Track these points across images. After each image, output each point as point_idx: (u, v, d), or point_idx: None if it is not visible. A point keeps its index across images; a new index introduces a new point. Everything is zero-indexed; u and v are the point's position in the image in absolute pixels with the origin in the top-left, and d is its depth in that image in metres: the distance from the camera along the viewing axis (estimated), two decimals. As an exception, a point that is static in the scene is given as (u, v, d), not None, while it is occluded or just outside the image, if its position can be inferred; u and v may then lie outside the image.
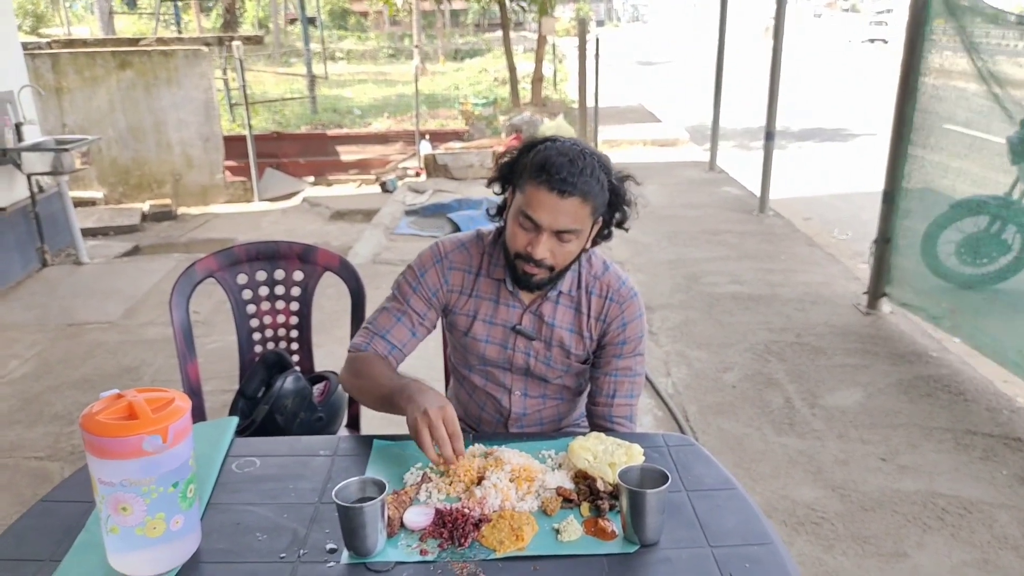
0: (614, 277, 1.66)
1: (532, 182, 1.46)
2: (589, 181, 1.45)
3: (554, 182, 1.43)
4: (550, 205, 1.45)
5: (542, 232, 1.48)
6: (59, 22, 23.80)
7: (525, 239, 1.50)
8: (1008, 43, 3.50)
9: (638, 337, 1.66)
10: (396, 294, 1.68)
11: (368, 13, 33.27)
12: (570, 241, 1.50)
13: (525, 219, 1.49)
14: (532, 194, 1.46)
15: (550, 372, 1.68)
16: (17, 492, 2.82)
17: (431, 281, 1.65)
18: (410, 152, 10.06)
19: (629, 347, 1.65)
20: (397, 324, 1.64)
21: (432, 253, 1.67)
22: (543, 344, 1.66)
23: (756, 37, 30.94)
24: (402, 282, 1.68)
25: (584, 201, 1.46)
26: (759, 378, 3.59)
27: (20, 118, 5.13)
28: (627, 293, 1.65)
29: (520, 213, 1.50)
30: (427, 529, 1.25)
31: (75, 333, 4.25)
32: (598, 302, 1.64)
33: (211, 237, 6.87)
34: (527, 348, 1.66)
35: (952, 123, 3.68)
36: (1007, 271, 3.77)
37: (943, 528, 2.54)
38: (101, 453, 1.10)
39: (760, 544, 1.23)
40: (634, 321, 1.65)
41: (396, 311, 1.65)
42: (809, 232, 5.98)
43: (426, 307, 1.66)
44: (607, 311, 1.64)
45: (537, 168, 1.46)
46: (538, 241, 1.48)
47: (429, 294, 1.65)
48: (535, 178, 1.45)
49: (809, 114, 12.93)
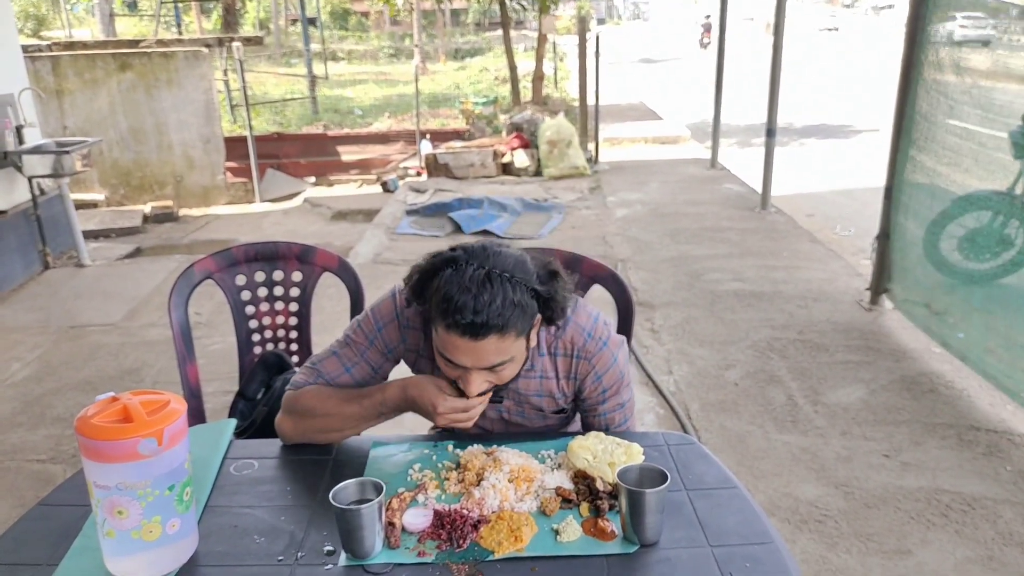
0: (577, 332, 1.50)
1: (442, 324, 1.31)
2: (503, 312, 1.28)
3: (463, 327, 1.28)
4: (466, 349, 1.31)
5: (470, 371, 1.35)
6: (60, 24, 23.84)
7: (455, 374, 1.38)
8: (1010, 37, 3.48)
9: (618, 380, 1.54)
10: (349, 341, 1.54)
11: (369, 13, 33.30)
12: (505, 367, 1.37)
13: (447, 362, 1.36)
14: (445, 338, 1.32)
15: (528, 423, 1.60)
16: (19, 495, 2.82)
17: (389, 336, 1.53)
18: (411, 152, 10.05)
19: (611, 391, 1.55)
20: (345, 374, 1.52)
21: (391, 306, 1.53)
22: (514, 403, 1.57)
23: (757, 34, 30.98)
24: (357, 330, 1.54)
25: (502, 335, 1.30)
26: (761, 375, 3.58)
27: (21, 121, 5.14)
28: (594, 347, 1.50)
29: (440, 355, 1.37)
30: (425, 531, 1.25)
31: (77, 335, 4.25)
32: (564, 362, 1.52)
33: (212, 238, 6.88)
34: (497, 408, 1.58)
35: (953, 118, 3.66)
36: (1010, 266, 3.75)
37: (947, 525, 2.53)
38: (96, 457, 1.10)
39: (761, 543, 1.23)
40: (609, 370, 1.52)
41: (347, 360, 1.53)
42: (811, 228, 5.97)
43: (382, 360, 1.54)
44: (576, 369, 1.52)
45: (442, 310, 1.29)
46: (468, 379, 1.36)
47: (385, 348, 1.53)
48: (443, 321, 1.30)
49: (811, 109, 12.91)
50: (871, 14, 50.64)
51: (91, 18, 22.57)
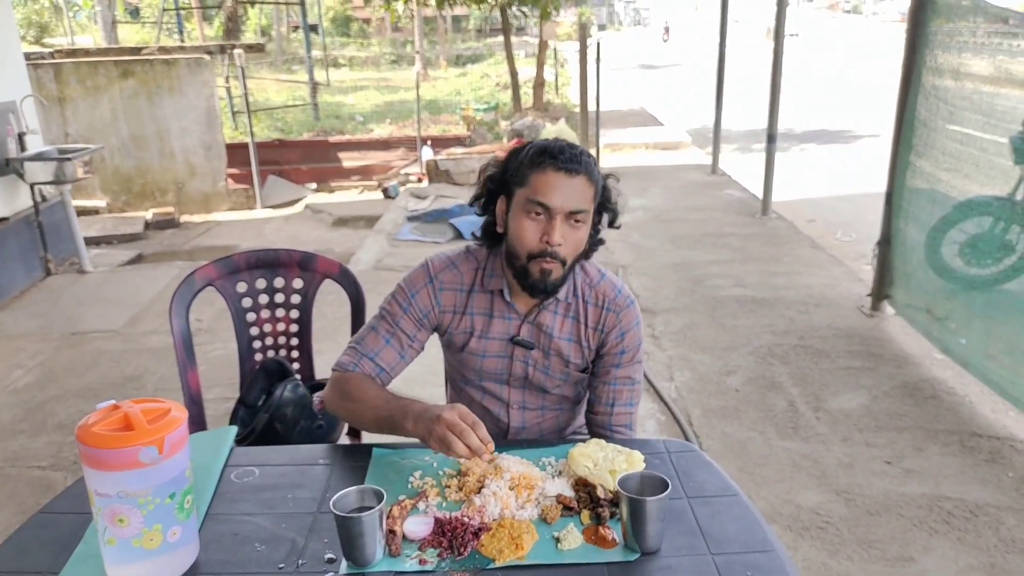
0: (609, 286, 1.63)
1: (536, 169, 1.47)
2: (589, 162, 1.48)
3: (560, 162, 1.45)
4: (560, 185, 1.45)
5: (554, 217, 1.46)
6: (63, 32, 23.93)
7: (538, 230, 1.48)
8: (1010, 43, 3.49)
9: (636, 345, 1.64)
10: (385, 314, 1.63)
11: (370, 19, 33.37)
12: (580, 227, 1.50)
13: (535, 206, 1.47)
14: (538, 179, 1.46)
15: (548, 381, 1.67)
16: (20, 502, 2.82)
17: (422, 302, 1.61)
18: (412, 158, 10.07)
19: (628, 356, 1.63)
20: (386, 346, 1.60)
21: (422, 273, 1.63)
22: (541, 353, 1.64)
23: (758, 38, 31.05)
24: (392, 302, 1.63)
25: (589, 180, 1.48)
26: (762, 381, 3.58)
27: (23, 128, 5.16)
28: (623, 302, 1.62)
29: (527, 203, 1.48)
30: (426, 538, 1.25)
31: (79, 342, 4.26)
32: (595, 312, 1.62)
33: (214, 245, 6.88)
34: (525, 357, 1.64)
35: (954, 123, 3.66)
36: (1012, 272, 3.75)
37: (949, 532, 2.53)
38: (97, 465, 1.10)
39: (762, 551, 1.22)
40: (632, 330, 1.62)
41: (385, 332, 1.61)
42: (812, 234, 5.97)
43: (416, 328, 1.62)
44: (604, 321, 1.62)
45: (538, 155, 1.47)
46: (552, 227, 1.47)
47: (420, 315, 1.61)
48: (538, 165, 1.46)
49: (811, 115, 12.92)
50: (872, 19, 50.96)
51: (93, 25, 22.67)
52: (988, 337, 3.47)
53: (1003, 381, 3.22)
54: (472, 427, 1.32)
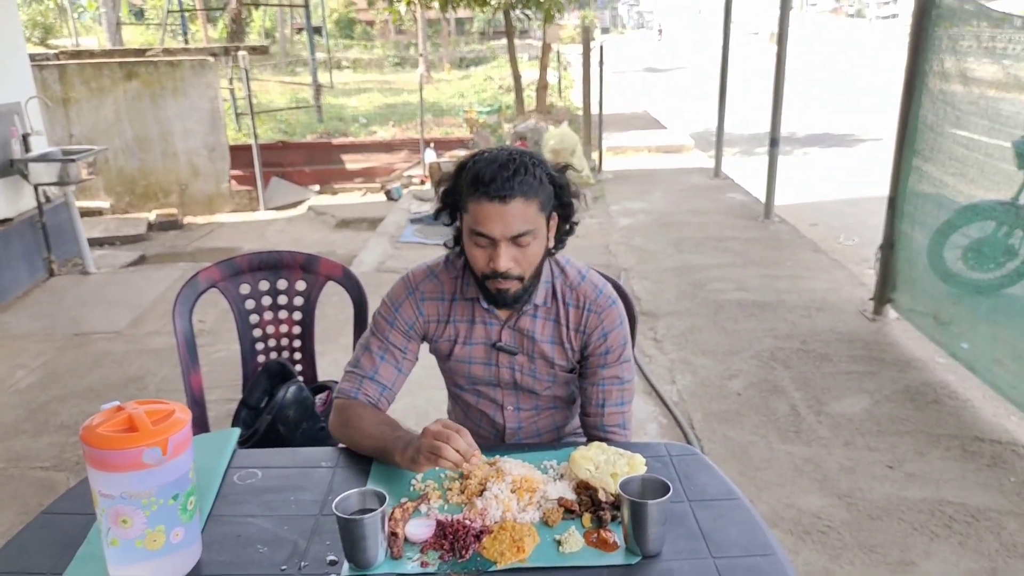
0: (590, 287, 1.62)
1: (472, 198, 1.45)
2: (525, 180, 1.44)
3: (492, 190, 1.42)
4: (495, 214, 1.43)
5: (498, 244, 1.46)
6: (67, 33, 24.00)
7: (485, 257, 1.48)
8: (1014, 47, 3.49)
9: (621, 344, 1.63)
10: (374, 331, 1.64)
11: (374, 22, 33.44)
12: (529, 244, 1.48)
13: (478, 236, 1.46)
14: (475, 210, 1.45)
15: (538, 384, 1.67)
16: (23, 502, 2.82)
17: (406, 315, 1.63)
18: (415, 160, 10.08)
19: (613, 356, 1.63)
20: (382, 363, 1.61)
21: (403, 286, 1.64)
22: (526, 357, 1.64)
23: (761, 41, 31.10)
24: (379, 319, 1.65)
25: (527, 200, 1.44)
26: (764, 385, 3.58)
27: (27, 129, 5.17)
28: (604, 302, 1.61)
29: (472, 233, 1.47)
30: (428, 541, 1.25)
31: (81, 343, 4.27)
32: (575, 313, 1.61)
33: (217, 246, 6.89)
34: (511, 363, 1.65)
35: (957, 128, 3.66)
36: (1015, 276, 3.75)
37: (951, 536, 2.52)
38: (101, 465, 1.10)
39: (763, 555, 1.23)
40: (615, 330, 1.62)
41: (378, 349, 1.62)
42: (815, 238, 5.96)
43: (406, 340, 1.63)
44: (585, 322, 1.61)
45: (471, 183, 1.45)
46: (497, 254, 1.46)
47: (406, 327, 1.63)
48: (473, 193, 1.44)
49: (814, 118, 12.92)
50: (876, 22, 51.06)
51: (98, 27, 22.74)
52: (993, 341, 3.46)
53: (1008, 386, 3.22)
54: (457, 434, 1.34)
